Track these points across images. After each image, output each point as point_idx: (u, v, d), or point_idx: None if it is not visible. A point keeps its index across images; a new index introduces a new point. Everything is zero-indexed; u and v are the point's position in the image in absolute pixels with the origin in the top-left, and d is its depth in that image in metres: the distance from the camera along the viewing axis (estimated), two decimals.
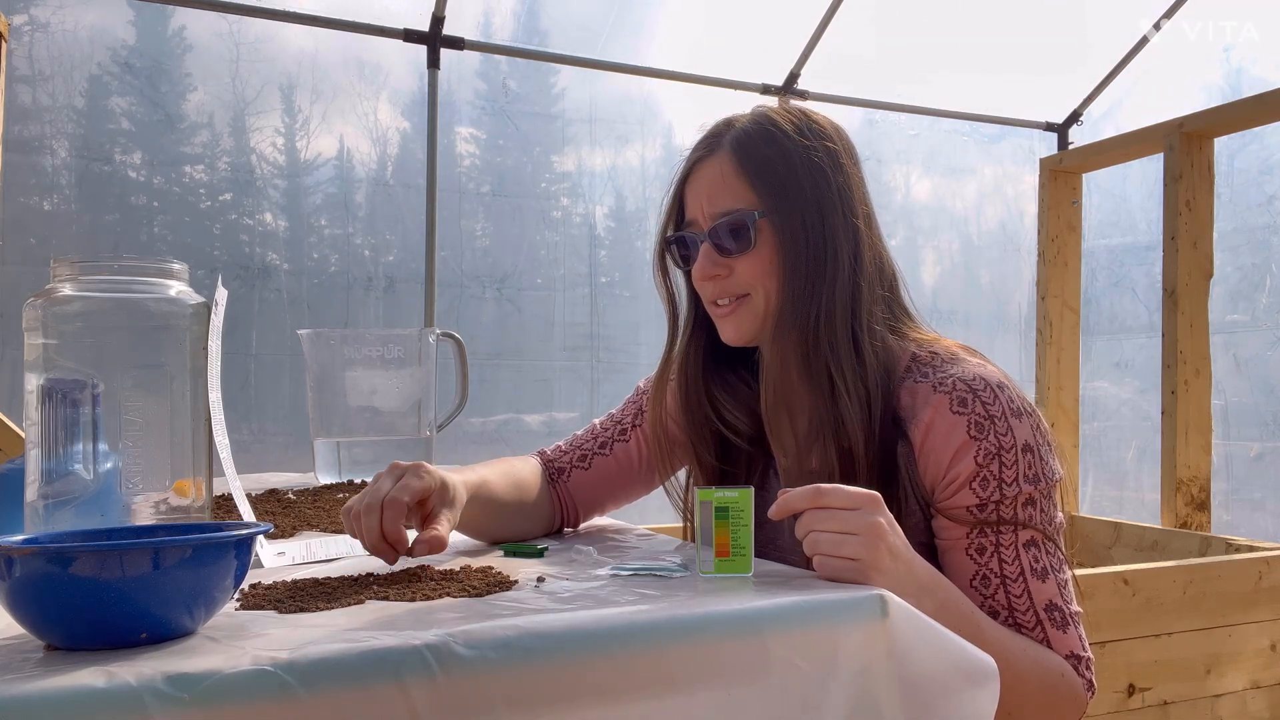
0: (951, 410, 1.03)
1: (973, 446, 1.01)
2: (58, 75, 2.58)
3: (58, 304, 0.90)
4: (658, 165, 3.34)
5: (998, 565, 1.02)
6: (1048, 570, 1.03)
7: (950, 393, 1.03)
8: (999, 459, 1.01)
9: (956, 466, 1.02)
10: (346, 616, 0.76)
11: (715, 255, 1.11)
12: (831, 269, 1.08)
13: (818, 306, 1.07)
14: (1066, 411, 2.93)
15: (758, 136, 1.11)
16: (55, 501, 0.87)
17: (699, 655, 0.72)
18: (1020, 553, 1.02)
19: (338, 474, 1.72)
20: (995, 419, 1.02)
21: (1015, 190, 3.82)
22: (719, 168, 1.12)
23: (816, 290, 1.08)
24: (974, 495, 1.02)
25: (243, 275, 2.76)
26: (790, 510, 0.88)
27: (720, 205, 1.11)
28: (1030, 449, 1.03)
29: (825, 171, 1.10)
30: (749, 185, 1.10)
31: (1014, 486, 1.02)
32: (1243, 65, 3.42)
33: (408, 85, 2.97)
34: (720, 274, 1.12)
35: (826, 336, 1.07)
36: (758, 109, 1.15)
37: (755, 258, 1.10)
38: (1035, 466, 1.03)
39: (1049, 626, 1.02)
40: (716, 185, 1.12)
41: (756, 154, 1.10)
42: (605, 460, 1.28)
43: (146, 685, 0.58)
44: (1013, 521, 1.02)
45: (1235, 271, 3.35)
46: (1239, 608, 1.98)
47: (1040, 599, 1.02)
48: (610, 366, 3.18)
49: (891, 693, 0.77)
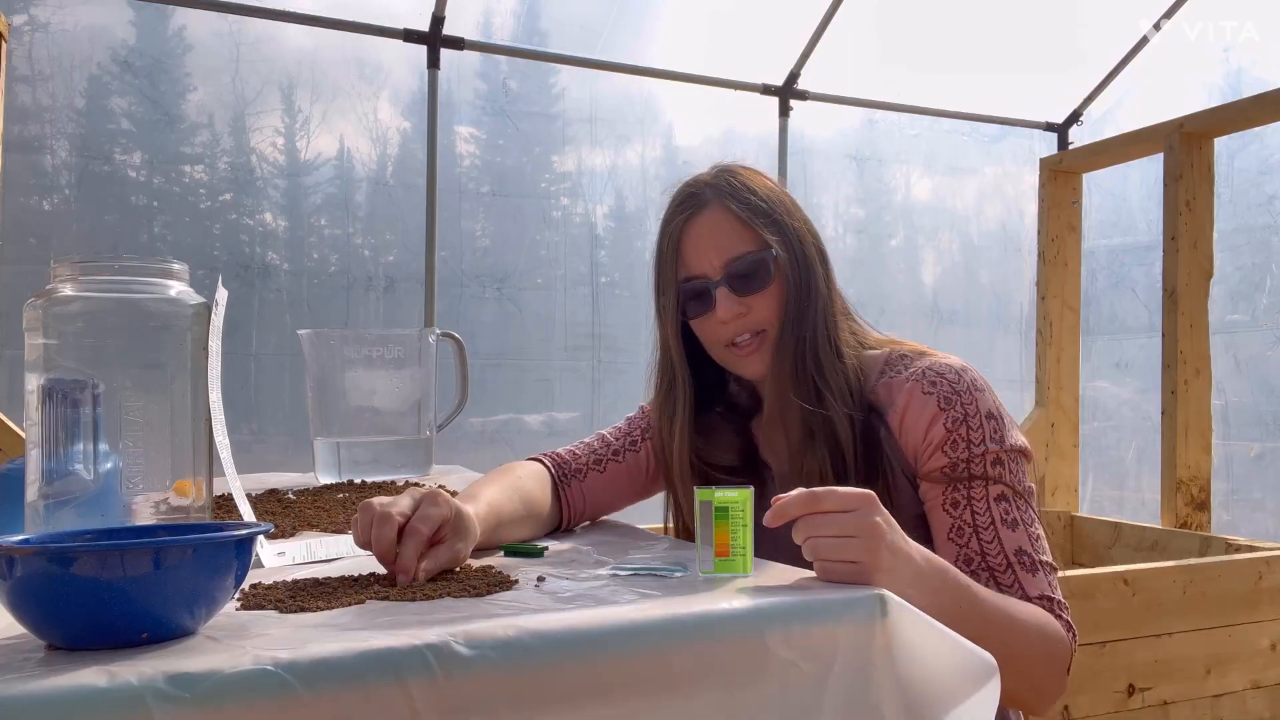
0: (923, 392, 1.16)
1: (943, 416, 1.14)
2: (58, 75, 2.58)
3: (58, 304, 0.90)
4: (658, 165, 3.34)
5: (970, 516, 1.12)
6: (1018, 522, 1.12)
7: (920, 379, 1.17)
8: (965, 423, 1.14)
9: (930, 434, 1.15)
10: (346, 616, 0.76)
11: (735, 296, 1.21)
12: (814, 293, 1.22)
13: (809, 328, 1.21)
14: (1066, 411, 2.93)
15: (738, 186, 1.23)
16: (55, 501, 0.87)
17: (699, 655, 0.72)
18: (991, 505, 1.12)
19: (338, 474, 1.72)
20: (960, 393, 1.15)
21: (1015, 190, 3.82)
22: (717, 219, 1.22)
23: (806, 314, 1.21)
24: (946, 457, 1.14)
25: (243, 275, 2.76)
26: (786, 517, 0.88)
27: (733, 250, 1.21)
28: (994, 416, 1.15)
29: (791, 209, 1.25)
30: (753, 228, 1.21)
31: (981, 446, 1.13)
32: (1243, 65, 3.42)
33: (408, 85, 2.97)
34: (742, 312, 1.21)
35: (813, 353, 1.20)
36: (714, 168, 1.28)
37: (770, 294, 1.21)
38: (1000, 431, 1.15)
39: (1019, 570, 1.10)
40: (723, 233, 1.22)
41: (746, 201, 1.22)
42: (619, 466, 1.35)
43: (148, 685, 0.58)
44: (983, 477, 1.13)
45: (1235, 271, 3.35)
46: (1239, 608, 1.98)
47: (1010, 545, 1.11)
48: (611, 366, 3.18)
49: (891, 692, 0.77)
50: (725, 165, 1.27)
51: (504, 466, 1.28)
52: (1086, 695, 1.82)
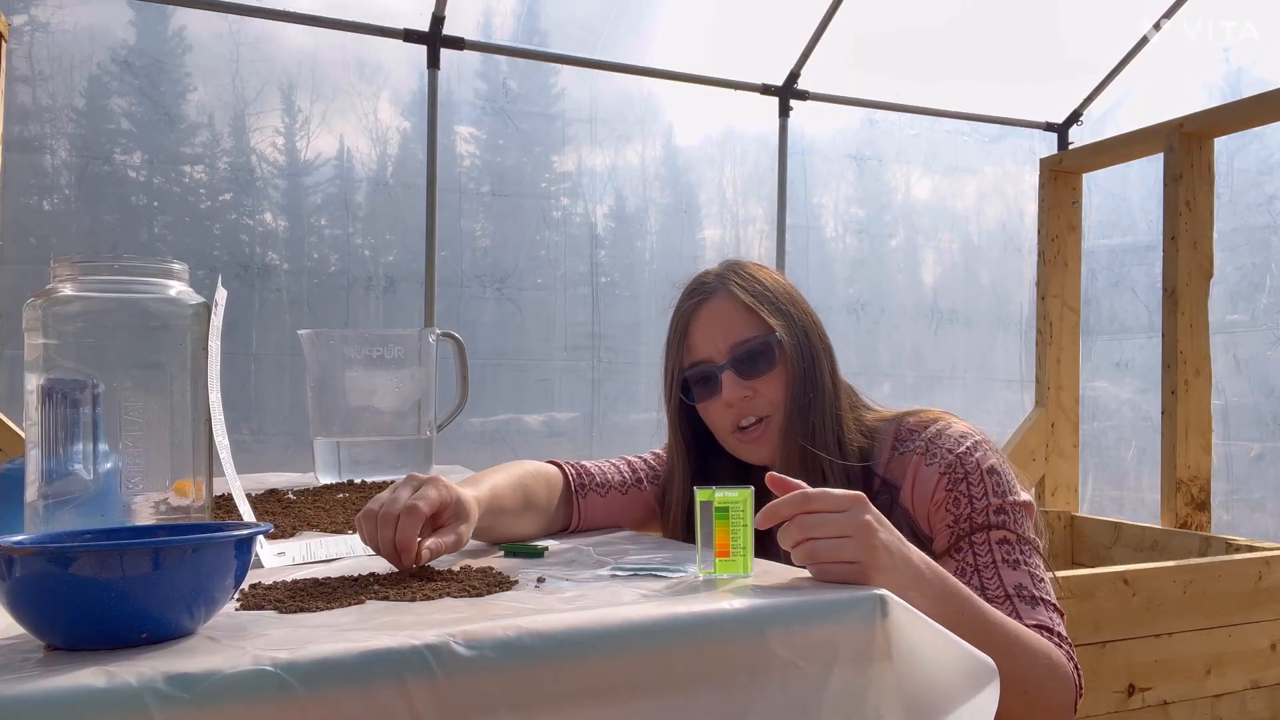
0: (925, 464, 1.19)
1: (944, 479, 1.17)
2: (58, 75, 2.58)
3: (58, 304, 0.90)
4: (658, 165, 3.34)
5: (971, 558, 1.13)
6: (1020, 563, 1.13)
7: (924, 453, 1.20)
8: (966, 480, 1.16)
9: (935, 497, 1.17)
10: (346, 616, 0.76)
11: (740, 379, 1.24)
12: (819, 383, 1.26)
13: (816, 416, 1.24)
14: (1066, 411, 2.93)
15: (746, 276, 1.28)
16: (55, 501, 0.87)
17: (699, 655, 0.72)
18: (993, 547, 1.13)
19: (338, 474, 1.72)
20: (961, 455, 1.17)
21: (1015, 190, 3.82)
22: (726, 306, 1.27)
23: (812, 403, 1.24)
24: (949, 514, 1.16)
25: (243, 275, 2.76)
26: (779, 518, 0.88)
27: (738, 335, 1.25)
28: (996, 472, 1.17)
29: (798, 301, 1.30)
30: (759, 315, 1.25)
31: (984, 500, 1.15)
32: (1243, 65, 3.42)
33: (408, 85, 2.97)
34: (747, 395, 1.24)
35: (820, 440, 1.23)
36: (722, 263, 1.33)
37: (775, 379, 1.25)
38: (1002, 485, 1.16)
39: (1017, 602, 1.10)
40: (730, 319, 1.26)
41: (754, 289, 1.27)
42: (640, 493, 1.37)
43: (147, 685, 0.58)
44: (985, 525, 1.14)
45: (1235, 271, 3.35)
46: (1239, 608, 1.98)
47: (1010, 581, 1.11)
48: (611, 366, 3.18)
49: (891, 693, 0.77)
50: (732, 260, 1.33)
51: (516, 461, 1.28)
52: (1086, 695, 1.81)
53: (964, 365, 3.72)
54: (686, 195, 3.36)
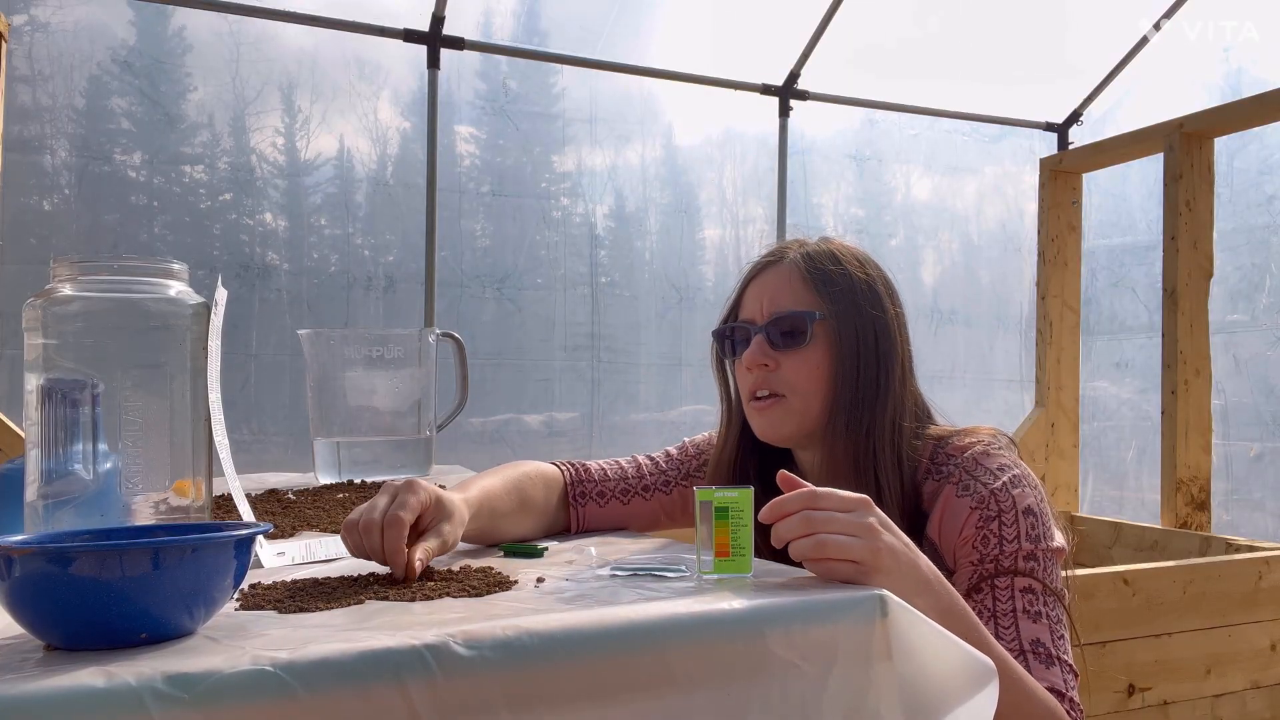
0: (957, 495, 1.13)
1: (975, 515, 1.10)
2: (58, 75, 2.58)
3: (58, 304, 0.90)
4: (658, 165, 3.34)
5: (991, 603, 1.07)
6: (1042, 615, 1.07)
7: (957, 482, 1.14)
8: (999, 519, 1.09)
9: (964, 533, 1.11)
10: (346, 616, 0.76)
11: (766, 347, 1.21)
12: (885, 386, 1.19)
13: (871, 418, 1.18)
14: (1066, 411, 2.93)
15: (824, 255, 1.24)
16: (55, 501, 0.87)
17: (699, 655, 0.72)
18: (1016, 595, 1.07)
19: (338, 474, 1.72)
20: (997, 491, 1.10)
21: (1015, 190, 3.82)
22: (784, 273, 1.24)
23: (869, 403, 1.18)
24: (976, 551, 1.10)
25: (243, 275, 2.76)
26: (785, 513, 0.87)
27: (780, 305, 1.22)
28: (1032, 513, 1.10)
29: (882, 300, 1.22)
30: (812, 291, 1.21)
31: (1014, 544, 1.08)
32: (1243, 65, 3.41)
33: (408, 85, 2.97)
34: (767, 365, 1.21)
35: (876, 445, 1.17)
36: (823, 238, 1.29)
37: (804, 358, 1.20)
38: (1038, 528, 1.10)
39: (1031, 658, 1.04)
40: (780, 287, 1.23)
41: (821, 268, 1.22)
42: (644, 503, 1.33)
43: (146, 685, 0.58)
44: (1011, 571, 1.08)
45: (1235, 271, 3.35)
46: (1239, 608, 1.98)
47: (1027, 635, 1.05)
48: (611, 366, 3.18)
49: (891, 693, 0.77)
50: (825, 237, 1.29)
51: (514, 463, 1.26)
52: (1086, 695, 1.81)
53: (964, 365, 3.72)
54: (686, 195, 3.37)
